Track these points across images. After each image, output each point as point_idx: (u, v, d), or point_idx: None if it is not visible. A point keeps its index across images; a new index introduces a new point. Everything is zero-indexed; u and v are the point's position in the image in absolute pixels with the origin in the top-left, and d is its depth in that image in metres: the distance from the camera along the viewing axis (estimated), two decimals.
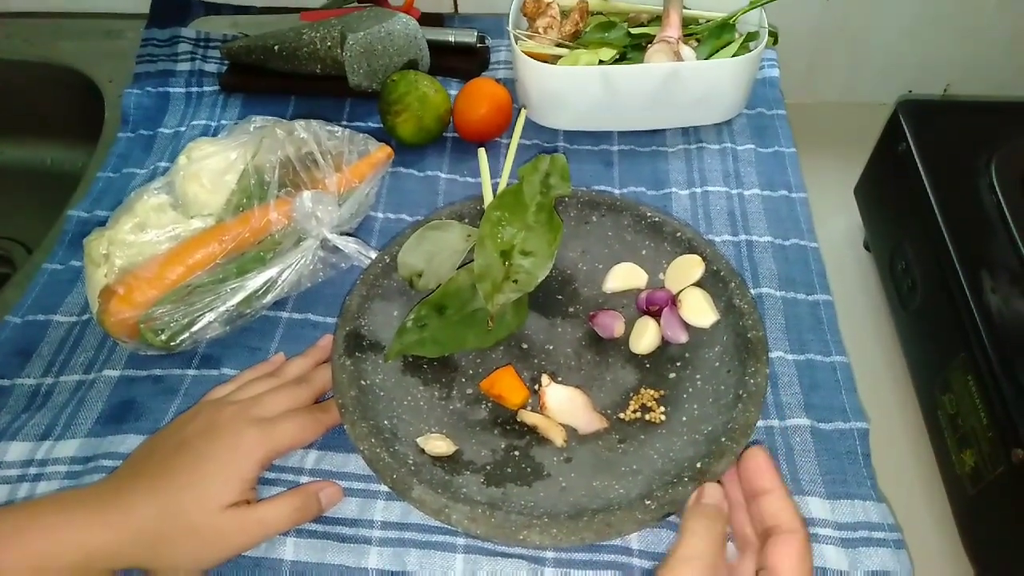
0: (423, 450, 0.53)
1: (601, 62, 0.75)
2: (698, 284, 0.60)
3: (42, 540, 0.44)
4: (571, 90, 0.74)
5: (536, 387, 0.57)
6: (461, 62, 0.83)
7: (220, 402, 0.53)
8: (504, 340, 0.60)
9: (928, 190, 0.66)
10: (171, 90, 0.83)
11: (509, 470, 0.52)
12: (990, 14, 0.88)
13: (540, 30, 0.77)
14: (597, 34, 0.78)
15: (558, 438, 0.54)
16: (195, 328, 0.58)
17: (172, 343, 0.58)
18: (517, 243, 0.60)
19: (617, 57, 0.76)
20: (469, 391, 0.57)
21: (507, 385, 0.56)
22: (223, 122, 0.79)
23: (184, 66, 0.85)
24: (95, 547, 0.45)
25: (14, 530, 0.44)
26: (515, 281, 0.59)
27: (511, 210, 0.61)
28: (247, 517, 0.48)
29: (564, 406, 0.55)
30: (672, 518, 0.49)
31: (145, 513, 0.46)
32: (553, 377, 0.57)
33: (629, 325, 0.60)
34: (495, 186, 0.64)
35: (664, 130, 0.77)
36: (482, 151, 0.65)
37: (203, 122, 0.80)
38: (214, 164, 0.64)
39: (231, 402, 0.53)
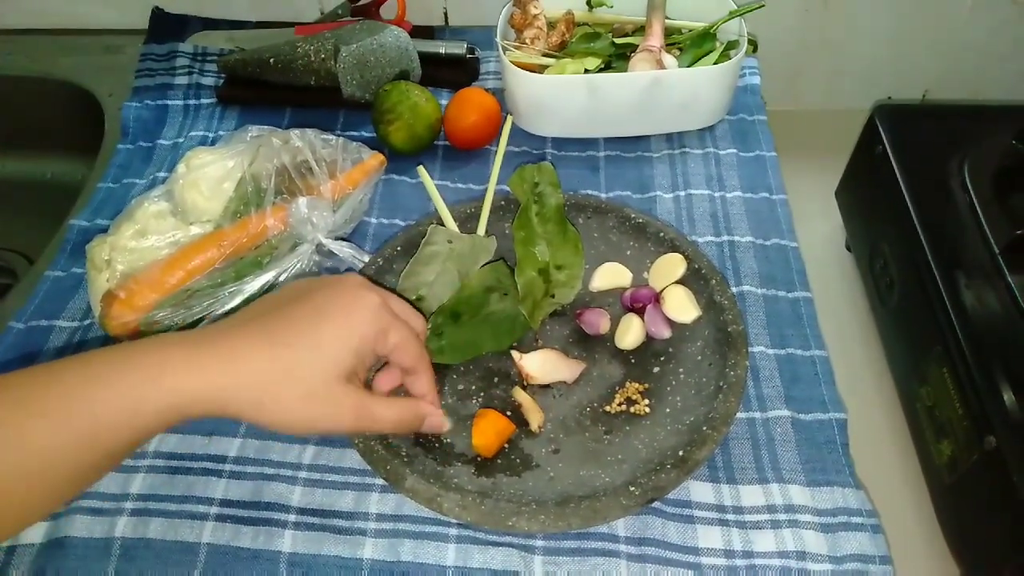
0: (416, 443, 0.54)
1: (587, 71, 0.77)
2: (680, 282, 0.62)
3: (137, 380, 0.39)
4: (558, 98, 0.76)
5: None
6: (451, 73, 0.85)
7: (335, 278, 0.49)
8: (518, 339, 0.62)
9: (904, 192, 0.68)
10: (169, 103, 0.85)
11: (499, 461, 0.54)
12: (965, 23, 0.90)
13: (527, 41, 0.80)
14: (583, 44, 0.80)
15: (534, 422, 0.56)
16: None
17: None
18: (550, 259, 0.63)
19: (602, 66, 0.78)
20: (460, 387, 0.59)
21: (490, 426, 0.55)
22: (220, 133, 0.81)
23: (182, 79, 0.87)
24: (193, 390, 0.40)
25: (108, 368, 0.40)
26: (552, 296, 0.62)
27: (528, 228, 0.63)
28: (362, 400, 0.45)
29: (543, 367, 0.58)
30: (656, 504, 0.51)
31: (257, 361, 0.42)
32: (520, 349, 0.60)
33: (614, 322, 0.62)
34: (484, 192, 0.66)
35: (648, 136, 0.80)
36: (421, 168, 0.66)
37: (201, 133, 0.82)
38: (212, 172, 0.66)
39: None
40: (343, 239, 0.67)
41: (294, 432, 0.45)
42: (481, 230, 0.63)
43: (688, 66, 0.77)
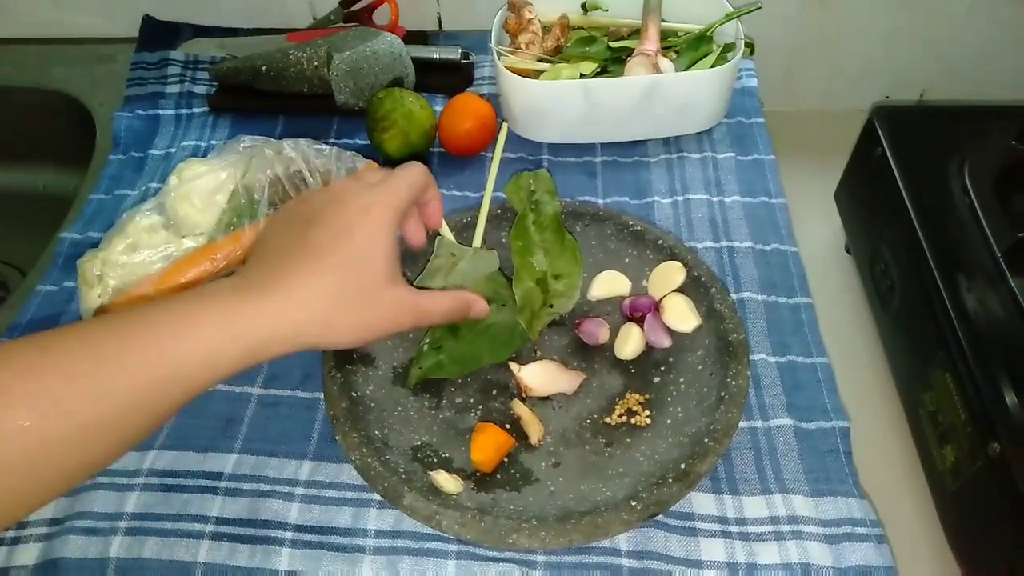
0: (414, 459, 0.54)
1: (582, 76, 0.76)
2: (680, 290, 0.61)
3: (213, 330, 0.41)
4: (553, 104, 0.75)
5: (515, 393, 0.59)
6: (446, 78, 0.85)
7: (319, 188, 0.50)
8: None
9: (904, 194, 0.68)
10: (161, 112, 0.84)
11: (498, 476, 0.53)
12: (963, 21, 0.90)
13: (522, 46, 0.79)
14: (578, 48, 0.80)
15: (534, 435, 0.55)
16: None
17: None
18: (547, 268, 0.62)
19: (598, 70, 0.78)
20: (458, 400, 0.58)
21: (489, 440, 0.55)
22: (213, 142, 0.81)
23: (173, 88, 0.86)
24: (270, 330, 0.42)
25: (181, 322, 0.41)
26: (551, 306, 0.61)
27: (525, 238, 0.62)
28: (415, 298, 0.48)
29: (542, 378, 0.57)
30: (659, 517, 0.50)
31: (317, 287, 0.44)
32: (518, 360, 0.59)
33: (614, 331, 0.61)
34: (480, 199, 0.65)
35: (645, 140, 0.79)
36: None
37: (193, 143, 0.81)
38: (204, 184, 0.65)
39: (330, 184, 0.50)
40: None
41: (359, 343, 0.47)
42: (477, 240, 0.62)
43: (685, 69, 0.76)
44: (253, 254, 0.48)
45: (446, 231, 0.59)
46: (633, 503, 0.49)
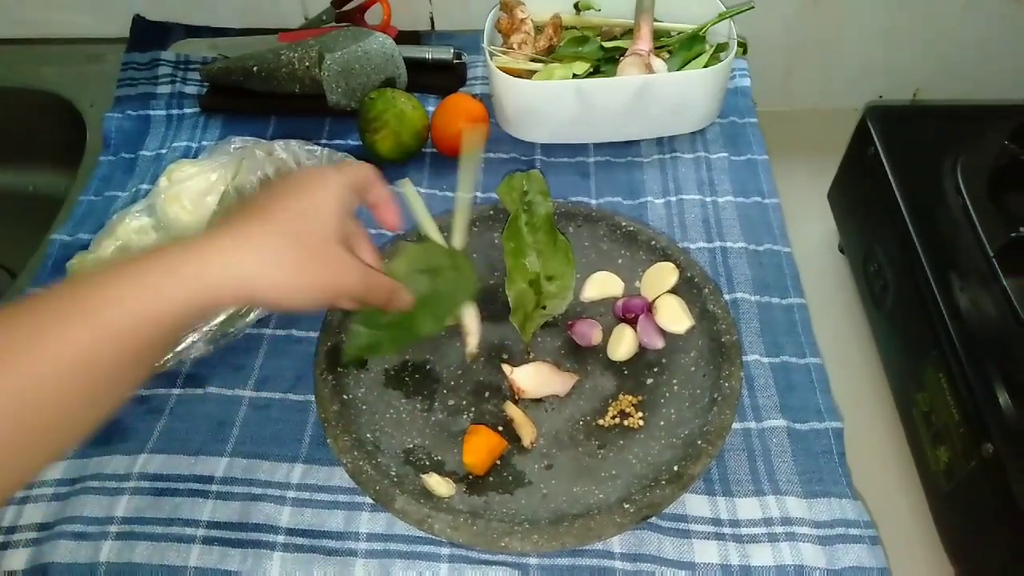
0: (406, 461, 0.53)
1: (575, 76, 0.76)
2: (673, 291, 0.61)
3: (160, 273, 0.41)
4: (546, 104, 0.75)
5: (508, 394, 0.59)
6: (438, 79, 0.84)
7: None
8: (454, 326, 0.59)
9: (896, 193, 0.68)
10: (152, 113, 0.83)
11: (491, 479, 0.53)
12: (957, 21, 0.90)
13: (515, 46, 0.79)
14: (571, 48, 0.79)
15: (527, 437, 0.55)
16: (179, 348, 0.59)
17: (157, 363, 0.59)
18: (540, 270, 0.62)
19: (591, 70, 0.78)
20: (451, 402, 0.58)
21: (482, 443, 0.54)
22: (204, 143, 0.80)
23: (164, 89, 0.86)
24: (217, 277, 0.42)
25: (132, 268, 0.41)
26: (544, 308, 0.61)
27: (517, 239, 0.62)
28: (360, 264, 0.49)
29: (535, 380, 0.57)
30: (652, 519, 0.50)
31: (267, 238, 0.45)
32: (510, 362, 0.59)
33: (606, 333, 0.61)
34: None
35: (639, 141, 0.79)
36: (408, 186, 0.61)
37: (184, 143, 0.80)
38: (195, 185, 0.64)
39: None
40: None
41: (309, 298, 0.46)
42: (458, 240, 0.60)
43: (678, 69, 0.76)
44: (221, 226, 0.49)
45: (434, 233, 0.59)
46: (626, 505, 0.49)
